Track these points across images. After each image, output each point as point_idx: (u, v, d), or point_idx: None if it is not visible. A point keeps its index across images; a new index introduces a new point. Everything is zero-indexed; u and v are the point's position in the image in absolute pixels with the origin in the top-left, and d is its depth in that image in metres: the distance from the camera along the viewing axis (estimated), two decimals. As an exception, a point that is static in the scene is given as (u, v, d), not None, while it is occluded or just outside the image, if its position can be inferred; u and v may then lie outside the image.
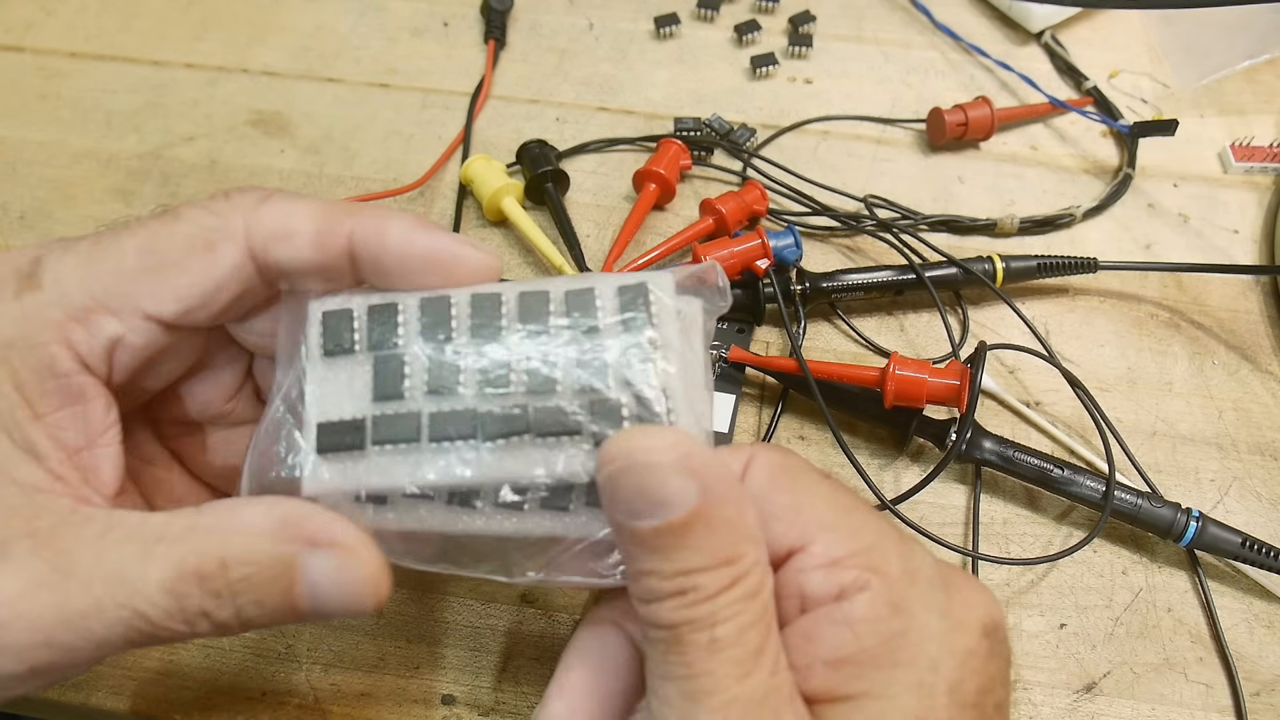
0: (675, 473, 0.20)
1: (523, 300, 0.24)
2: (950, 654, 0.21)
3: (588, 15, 0.54)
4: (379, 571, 0.23)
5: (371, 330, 0.24)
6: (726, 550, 0.21)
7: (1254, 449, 0.39)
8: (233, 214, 0.24)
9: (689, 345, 0.24)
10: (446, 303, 0.24)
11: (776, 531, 0.22)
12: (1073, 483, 0.35)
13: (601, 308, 0.23)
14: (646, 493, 0.21)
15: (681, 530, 0.20)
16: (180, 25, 0.52)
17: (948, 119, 0.47)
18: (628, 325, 0.23)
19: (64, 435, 0.23)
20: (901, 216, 0.45)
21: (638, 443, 0.21)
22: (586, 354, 0.23)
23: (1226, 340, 0.42)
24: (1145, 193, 0.47)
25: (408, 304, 0.24)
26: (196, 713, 0.31)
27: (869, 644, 0.21)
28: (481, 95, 0.49)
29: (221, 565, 0.22)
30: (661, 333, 0.23)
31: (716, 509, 0.21)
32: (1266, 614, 0.35)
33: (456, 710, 0.32)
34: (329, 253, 0.25)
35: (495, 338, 0.23)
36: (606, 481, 0.21)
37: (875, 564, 0.22)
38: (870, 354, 0.41)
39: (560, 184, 0.45)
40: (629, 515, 0.21)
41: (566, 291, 0.24)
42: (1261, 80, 0.52)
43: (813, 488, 0.23)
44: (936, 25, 0.54)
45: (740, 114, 0.50)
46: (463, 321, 0.24)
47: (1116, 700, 0.33)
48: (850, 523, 0.22)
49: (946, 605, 0.22)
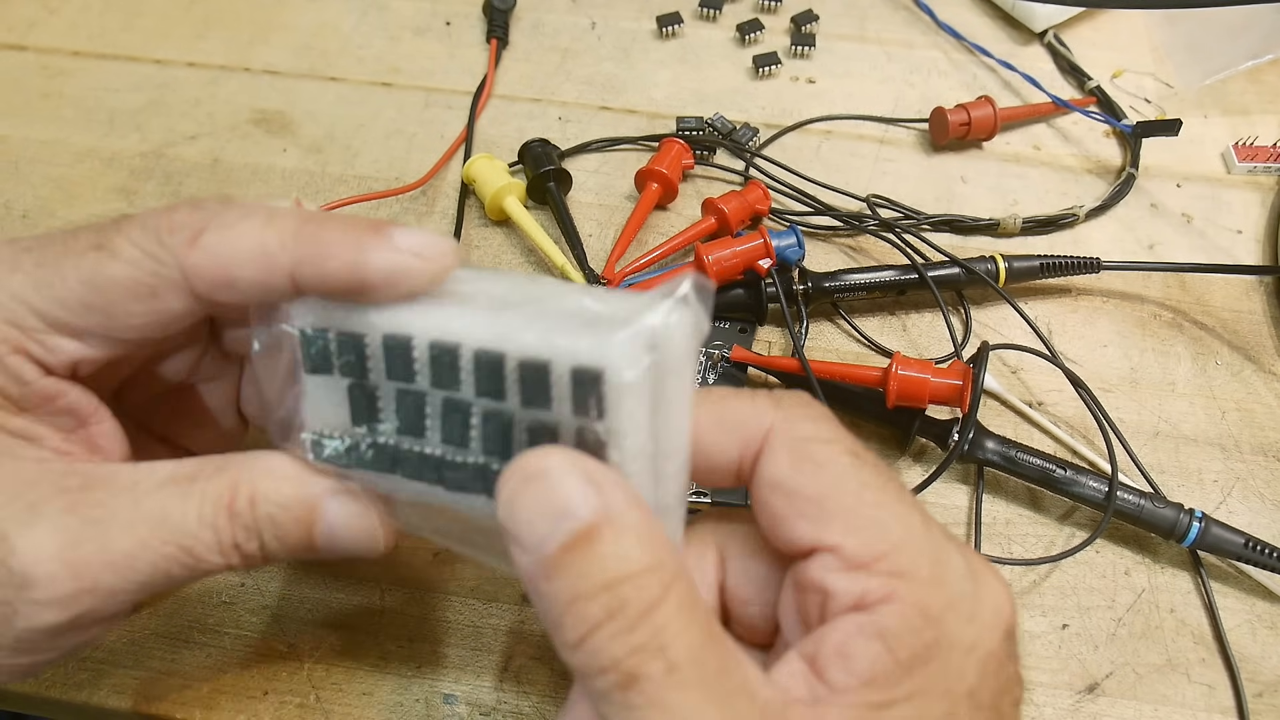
0: (571, 478, 0.20)
1: (478, 366, 0.22)
2: (974, 660, 0.21)
3: (590, 14, 0.54)
4: (388, 523, 0.25)
5: (341, 356, 0.24)
6: (646, 556, 0.20)
7: (1257, 449, 0.39)
8: (169, 258, 0.23)
9: (663, 394, 0.22)
10: (408, 346, 0.23)
11: (799, 529, 0.21)
12: (1075, 483, 0.35)
13: (556, 397, 0.21)
14: (545, 504, 0.20)
15: (590, 537, 0.19)
16: (182, 24, 0.52)
17: (951, 119, 0.47)
18: (580, 412, 0.21)
19: (56, 421, 0.25)
20: (904, 216, 0.45)
21: (530, 460, 0.21)
22: (540, 425, 0.22)
23: (1230, 341, 0.42)
24: (1148, 193, 0.47)
25: (373, 339, 0.23)
26: (199, 711, 0.31)
27: (903, 657, 0.20)
28: (484, 94, 0.49)
29: (251, 500, 0.24)
30: (616, 419, 0.21)
31: (621, 514, 0.20)
32: (1269, 615, 0.35)
33: (458, 709, 0.32)
34: (272, 294, 0.24)
35: (454, 392, 0.23)
36: (505, 508, 0.21)
37: (902, 567, 0.21)
38: (873, 354, 0.41)
39: (562, 183, 0.45)
40: (534, 542, 0.20)
41: (520, 363, 0.21)
42: (1265, 80, 0.52)
43: (840, 476, 0.22)
44: (939, 25, 0.54)
45: (743, 113, 0.50)
46: (423, 370, 0.23)
47: (1119, 701, 0.33)
48: (877, 518, 0.21)
49: (974, 606, 0.21)
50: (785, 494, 0.22)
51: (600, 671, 0.19)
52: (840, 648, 0.20)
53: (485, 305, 0.23)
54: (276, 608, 0.33)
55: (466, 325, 0.22)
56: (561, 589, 0.20)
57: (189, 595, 0.33)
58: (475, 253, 0.44)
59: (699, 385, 0.23)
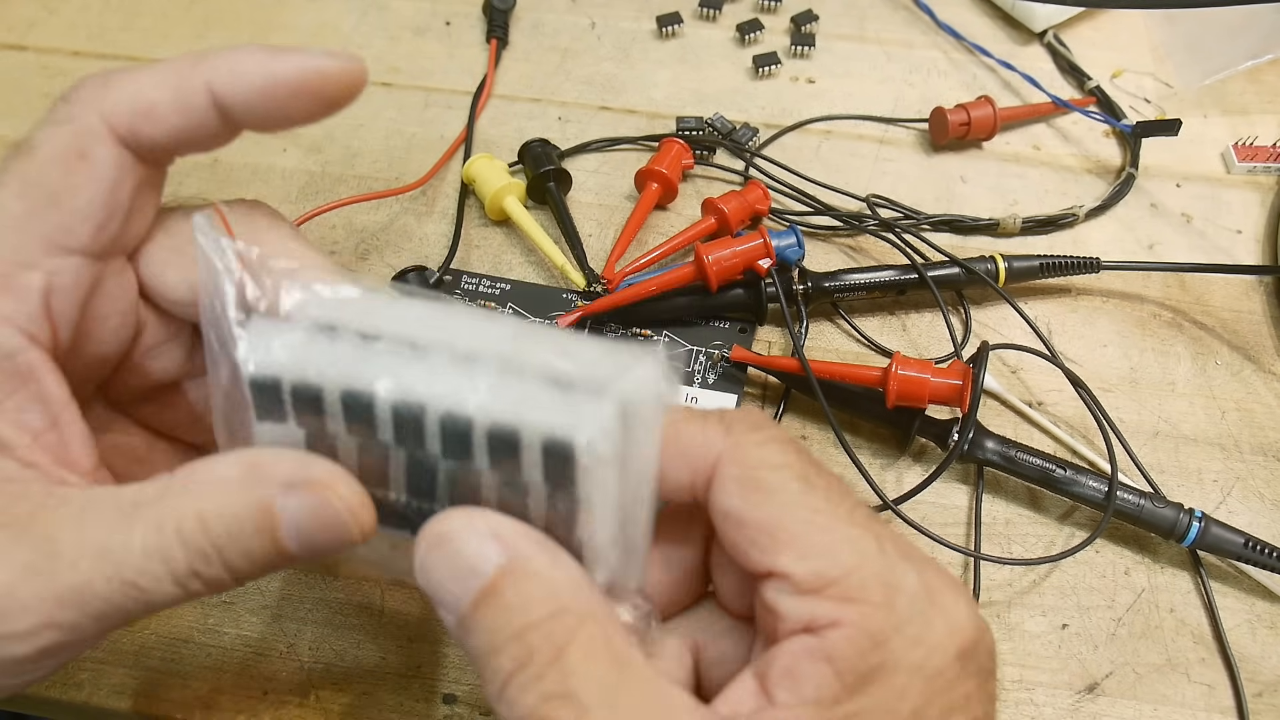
0: (475, 538, 0.21)
1: (444, 430, 0.21)
2: (919, 679, 0.21)
3: (590, 14, 0.54)
4: (358, 501, 0.22)
5: (296, 409, 0.22)
6: (549, 602, 0.20)
7: (1257, 449, 0.39)
8: (85, 113, 0.23)
9: (632, 448, 0.22)
10: (370, 403, 0.22)
11: (752, 556, 0.22)
12: (1075, 483, 0.35)
13: (526, 464, 0.21)
14: (453, 565, 0.20)
15: (494, 591, 0.20)
16: (183, 24, 0.52)
17: (950, 118, 0.47)
18: (550, 479, 0.21)
19: (25, 419, 0.23)
20: (904, 216, 0.45)
21: (434, 525, 0.21)
22: (509, 485, 0.22)
23: (1229, 340, 0.42)
24: (1148, 193, 0.47)
25: (331, 394, 0.22)
26: (198, 712, 0.31)
27: (849, 681, 0.20)
28: (483, 94, 0.49)
29: (200, 521, 0.21)
30: (585, 489, 0.21)
31: (526, 562, 0.20)
32: (1269, 615, 0.35)
33: (458, 710, 0.32)
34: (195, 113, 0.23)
35: (420, 448, 0.22)
36: (420, 574, 0.21)
37: (852, 593, 0.21)
38: (872, 354, 0.41)
39: (562, 183, 0.45)
40: (451, 603, 0.21)
41: (489, 431, 0.21)
42: (1265, 80, 0.52)
43: (789, 503, 0.22)
44: (939, 25, 0.54)
45: (742, 113, 0.50)
46: (386, 428, 0.22)
47: (1119, 701, 0.33)
48: (828, 545, 0.21)
49: (924, 628, 0.21)
50: (736, 523, 0.22)
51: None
52: (788, 669, 0.21)
53: (448, 360, 0.22)
54: (276, 608, 0.33)
55: (431, 386, 0.21)
56: (479, 643, 0.20)
57: (189, 595, 0.33)
58: (475, 252, 0.44)
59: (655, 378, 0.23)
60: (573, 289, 0.42)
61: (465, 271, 0.43)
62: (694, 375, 0.39)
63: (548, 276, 0.43)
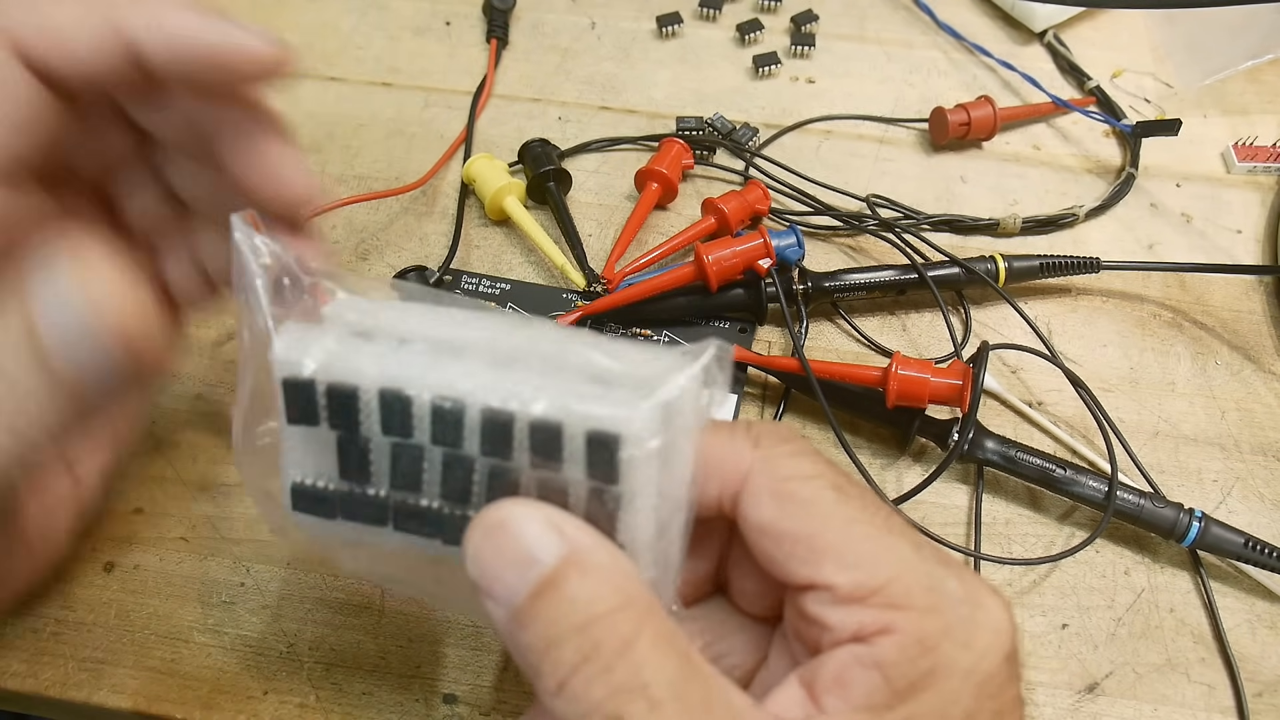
0: (533, 526, 0.20)
1: (485, 426, 0.21)
2: (972, 684, 0.21)
3: (590, 14, 0.54)
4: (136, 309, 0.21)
5: (331, 410, 0.22)
6: (615, 595, 0.20)
7: (1257, 449, 0.39)
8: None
9: (673, 454, 0.21)
10: (408, 404, 0.21)
11: (791, 569, 0.21)
12: (1075, 483, 0.35)
13: (568, 458, 0.21)
14: (510, 554, 0.20)
15: (557, 582, 0.19)
16: (182, 24, 0.52)
17: (950, 118, 0.47)
18: (593, 475, 0.21)
19: None
20: (904, 216, 0.45)
21: (490, 514, 0.21)
22: (549, 484, 0.22)
23: (1229, 340, 0.42)
24: (1148, 193, 0.47)
25: (368, 393, 0.22)
26: (198, 711, 0.31)
27: (900, 686, 0.20)
28: (483, 94, 0.49)
29: None
30: (629, 484, 0.21)
31: (588, 554, 0.20)
32: (1269, 614, 0.35)
33: (458, 710, 0.32)
34: (108, 55, 0.23)
35: (457, 448, 0.22)
36: (473, 564, 0.20)
37: (897, 600, 0.21)
38: (872, 354, 0.41)
39: (562, 183, 0.45)
40: (505, 594, 0.20)
41: (531, 425, 0.21)
42: (1265, 80, 0.52)
43: (825, 514, 0.21)
44: (939, 25, 0.54)
45: (742, 113, 0.50)
46: (424, 426, 0.22)
47: (1119, 701, 0.33)
48: (869, 554, 0.21)
49: (971, 631, 0.21)
50: (773, 538, 0.22)
51: (583, 717, 0.19)
52: (838, 676, 0.21)
53: (487, 358, 0.22)
54: (276, 608, 0.33)
55: (472, 382, 0.21)
56: (536, 637, 0.20)
57: (189, 595, 0.33)
58: (475, 252, 0.44)
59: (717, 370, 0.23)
60: (573, 289, 0.42)
61: (465, 271, 0.43)
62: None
63: (548, 276, 0.43)
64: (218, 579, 0.34)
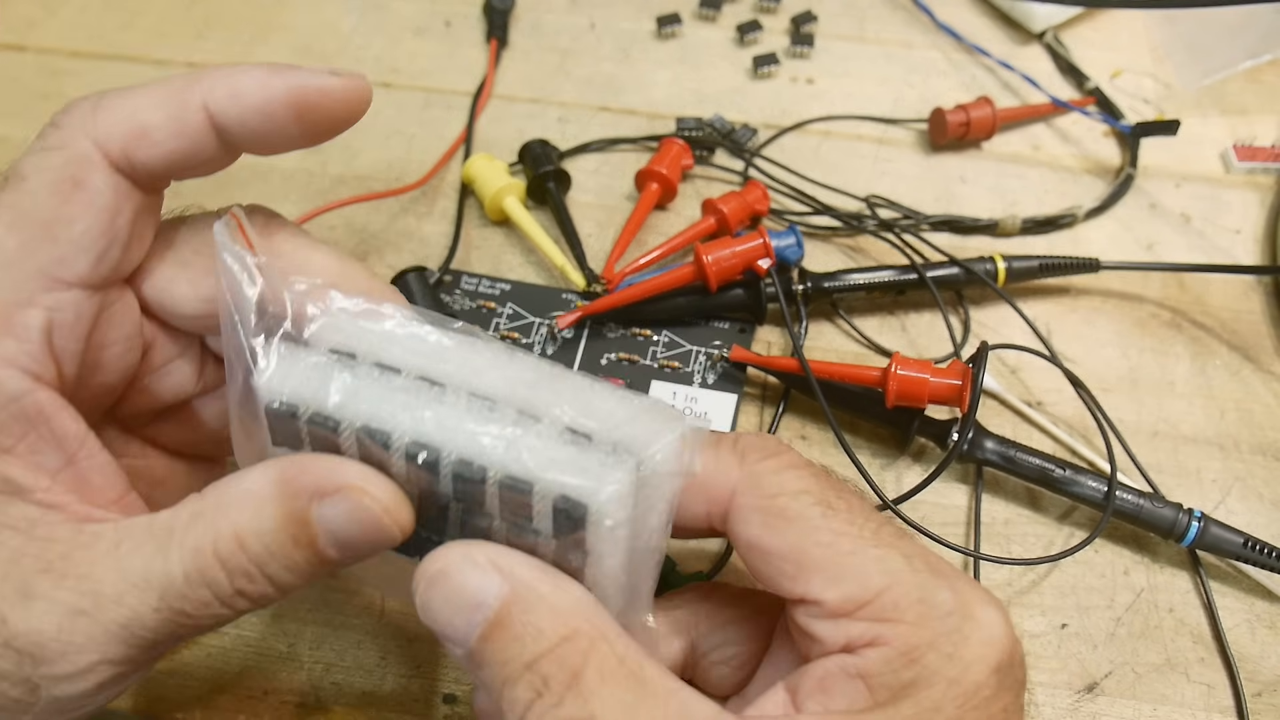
0: (473, 571, 0.20)
1: (458, 477, 0.21)
2: (955, 695, 0.20)
3: (590, 15, 0.54)
4: (394, 500, 0.22)
5: (313, 438, 0.22)
6: (559, 627, 0.20)
7: (1256, 449, 0.39)
8: (76, 139, 0.22)
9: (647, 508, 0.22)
10: (387, 440, 0.21)
11: (782, 586, 0.22)
12: (1074, 483, 0.35)
13: (537, 517, 0.21)
14: (454, 599, 0.20)
15: (502, 622, 0.20)
16: (182, 24, 0.52)
17: (949, 119, 0.47)
18: (560, 534, 0.21)
19: (40, 460, 0.22)
20: (903, 216, 0.45)
21: (429, 563, 0.21)
22: (519, 529, 0.22)
23: (1229, 340, 0.42)
24: (1147, 193, 0.47)
25: (347, 428, 0.22)
26: (199, 711, 0.31)
27: (881, 697, 0.20)
28: (483, 95, 0.49)
29: (238, 541, 0.21)
30: (597, 546, 0.21)
31: (529, 590, 0.20)
32: (1268, 614, 0.35)
33: (458, 709, 0.32)
34: (191, 135, 0.22)
35: (434, 488, 0.22)
36: (423, 610, 0.21)
37: (886, 613, 0.21)
38: (872, 354, 0.41)
39: (562, 183, 0.45)
40: (459, 638, 0.20)
41: (501, 483, 0.21)
42: (1264, 80, 0.52)
43: (811, 528, 0.22)
44: (938, 25, 0.54)
45: (742, 114, 0.50)
46: (399, 464, 0.22)
47: (1118, 700, 0.33)
48: (856, 566, 0.21)
49: (959, 643, 0.21)
50: (761, 554, 0.22)
51: None
52: (820, 683, 0.21)
53: (467, 402, 0.22)
54: (276, 608, 0.33)
55: (447, 431, 0.21)
56: (491, 676, 0.20)
57: (189, 595, 0.34)
58: (475, 253, 0.44)
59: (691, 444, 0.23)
60: (572, 289, 0.42)
61: (465, 272, 0.43)
62: (694, 375, 0.39)
63: (547, 277, 0.43)
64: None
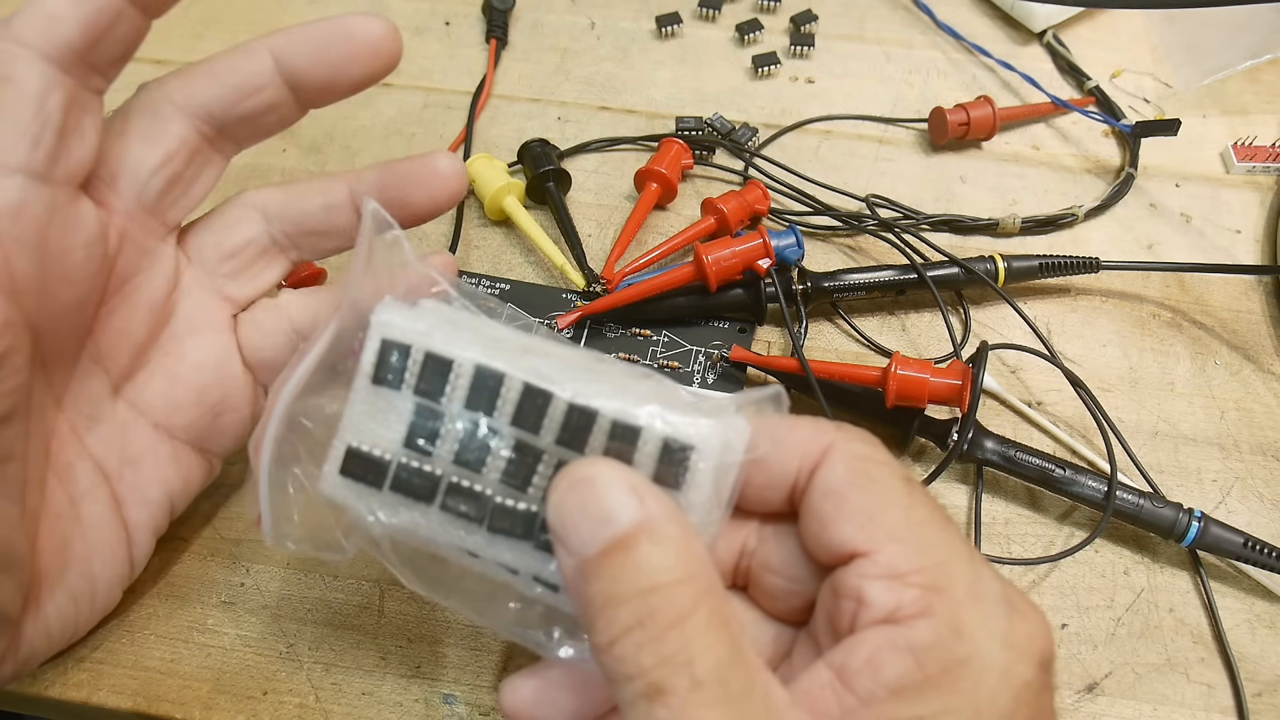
0: (616, 487, 0.21)
1: (567, 419, 0.22)
2: (1008, 686, 0.20)
3: (589, 14, 0.54)
4: None
5: (422, 376, 0.23)
6: (680, 568, 0.20)
7: (1256, 449, 0.39)
8: None
9: (719, 481, 0.23)
10: (500, 382, 0.23)
11: (845, 532, 0.22)
12: (1074, 483, 0.35)
13: (639, 463, 0.22)
14: (590, 509, 0.21)
15: (627, 544, 0.20)
16: (182, 24, 0.52)
17: (950, 118, 0.47)
18: (659, 479, 0.22)
19: None
20: (903, 216, 0.45)
21: (579, 467, 0.21)
22: None
23: (1229, 340, 0.42)
24: (1147, 193, 0.47)
25: (463, 366, 0.23)
26: (198, 711, 0.31)
27: (932, 672, 0.20)
28: (483, 94, 0.49)
29: None
30: (689, 496, 0.22)
31: (661, 525, 0.20)
32: (1268, 614, 0.35)
33: (458, 710, 0.32)
34: (96, 2, 0.26)
35: (532, 436, 0.23)
36: (554, 512, 0.21)
37: (939, 583, 0.21)
38: (872, 354, 0.41)
39: (562, 183, 0.45)
40: (577, 544, 0.21)
41: (613, 423, 0.22)
42: (1264, 80, 0.52)
43: (891, 492, 0.22)
44: (938, 25, 0.54)
45: (742, 113, 0.50)
46: (507, 407, 0.23)
47: (1118, 700, 0.33)
48: (922, 536, 0.22)
49: (1009, 632, 0.21)
50: (837, 498, 0.22)
51: (627, 678, 0.19)
52: (870, 659, 0.21)
53: (568, 370, 0.23)
54: (276, 608, 0.33)
55: (564, 380, 0.23)
56: (598, 592, 0.20)
57: (189, 595, 0.34)
58: (475, 253, 0.44)
59: (772, 409, 0.24)
60: (572, 289, 0.42)
61: (465, 272, 0.43)
62: (694, 375, 0.39)
63: (547, 276, 0.43)
64: (217, 579, 0.34)
